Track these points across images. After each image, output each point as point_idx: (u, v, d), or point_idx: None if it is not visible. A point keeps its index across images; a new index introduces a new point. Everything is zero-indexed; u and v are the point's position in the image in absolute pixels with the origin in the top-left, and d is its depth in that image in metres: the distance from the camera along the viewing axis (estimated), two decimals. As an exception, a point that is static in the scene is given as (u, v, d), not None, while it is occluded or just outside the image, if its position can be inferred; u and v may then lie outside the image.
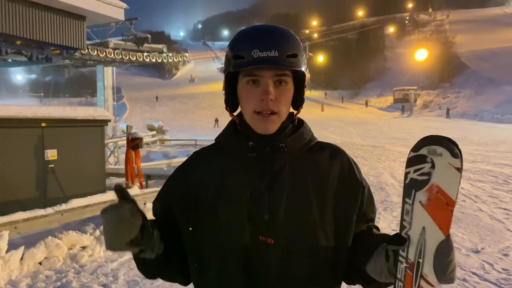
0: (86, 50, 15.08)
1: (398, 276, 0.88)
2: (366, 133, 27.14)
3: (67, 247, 5.23)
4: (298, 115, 1.13)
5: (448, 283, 0.86)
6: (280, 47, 0.99)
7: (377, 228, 1.16)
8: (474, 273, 4.54)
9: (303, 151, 1.09)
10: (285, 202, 1.02)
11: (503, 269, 4.68)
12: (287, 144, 1.06)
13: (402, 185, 0.92)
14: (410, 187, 0.88)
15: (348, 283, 1.13)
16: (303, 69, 1.05)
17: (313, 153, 1.10)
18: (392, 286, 0.91)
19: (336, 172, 1.09)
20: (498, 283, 4.31)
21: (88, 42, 14.98)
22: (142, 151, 15.92)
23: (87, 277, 4.71)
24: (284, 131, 1.07)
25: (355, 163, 1.14)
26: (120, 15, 12.31)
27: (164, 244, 1.02)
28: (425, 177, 0.86)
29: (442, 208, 0.84)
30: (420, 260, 0.85)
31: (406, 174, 0.89)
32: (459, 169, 0.83)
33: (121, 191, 0.91)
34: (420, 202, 0.86)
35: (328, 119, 39.82)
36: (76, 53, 14.31)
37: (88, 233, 5.58)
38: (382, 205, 7.85)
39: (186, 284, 1.16)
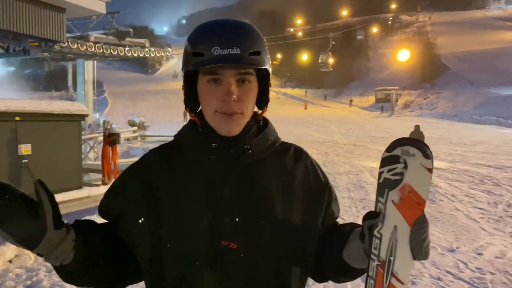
0: (66, 43, 14.79)
1: (370, 273, 0.88)
2: (348, 131, 27.34)
3: (39, 244, 5.09)
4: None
5: (423, 258, 0.87)
6: (242, 44, 0.93)
7: None
8: (448, 272, 4.60)
9: (267, 153, 1.05)
10: (248, 206, 0.97)
11: (476, 268, 4.76)
12: (251, 146, 1.01)
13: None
14: (384, 187, 0.89)
15: (321, 281, 1.12)
16: (267, 66, 0.99)
17: (277, 154, 1.07)
18: (364, 282, 0.90)
19: (300, 174, 1.06)
20: (472, 282, 4.37)
21: (68, 35, 14.70)
22: (123, 147, 15.72)
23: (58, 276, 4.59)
24: (249, 132, 1.02)
25: (317, 164, 1.12)
26: (101, 8, 12.11)
27: (83, 253, 0.93)
28: (398, 177, 0.87)
29: (413, 207, 0.85)
30: (392, 258, 0.86)
31: (380, 173, 0.91)
32: (431, 170, 0.85)
33: (38, 190, 0.84)
34: (392, 201, 0.87)
35: (312, 117, 39.99)
36: (56, 46, 14.02)
37: (62, 230, 5.44)
38: (361, 203, 7.90)
39: None
